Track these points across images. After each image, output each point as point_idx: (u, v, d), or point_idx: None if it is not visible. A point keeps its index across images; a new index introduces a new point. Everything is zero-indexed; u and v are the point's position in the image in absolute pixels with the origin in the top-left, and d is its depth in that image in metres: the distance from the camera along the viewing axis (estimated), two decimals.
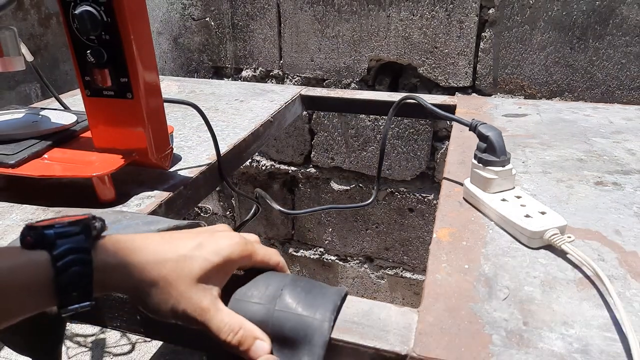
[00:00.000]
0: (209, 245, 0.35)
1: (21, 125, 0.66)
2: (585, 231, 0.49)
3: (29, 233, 0.32)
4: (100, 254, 0.32)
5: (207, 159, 0.69)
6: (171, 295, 0.33)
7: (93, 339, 1.55)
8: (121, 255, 0.33)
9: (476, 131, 0.55)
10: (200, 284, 0.34)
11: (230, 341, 0.34)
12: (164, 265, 0.33)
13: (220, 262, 0.35)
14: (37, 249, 0.31)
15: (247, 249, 0.37)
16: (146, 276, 0.33)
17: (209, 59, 1.40)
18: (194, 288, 0.34)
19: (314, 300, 0.36)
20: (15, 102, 1.28)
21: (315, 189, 1.44)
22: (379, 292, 1.52)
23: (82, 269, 0.31)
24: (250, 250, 0.38)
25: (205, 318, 0.34)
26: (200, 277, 0.34)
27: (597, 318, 0.37)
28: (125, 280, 0.33)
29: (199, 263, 0.34)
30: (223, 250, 0.36)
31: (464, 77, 1.15)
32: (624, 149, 0.69)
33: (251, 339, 0.35)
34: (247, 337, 0.34)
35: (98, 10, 0.50)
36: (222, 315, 0.35)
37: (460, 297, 0.40)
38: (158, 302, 0.34)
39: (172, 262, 0.34)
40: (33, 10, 1.29)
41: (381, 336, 0.35)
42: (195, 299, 0.34)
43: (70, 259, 0.31)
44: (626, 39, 1.00)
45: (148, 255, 0.34)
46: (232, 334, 0.34)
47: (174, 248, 0.35)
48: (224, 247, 0.36)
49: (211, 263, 0.35)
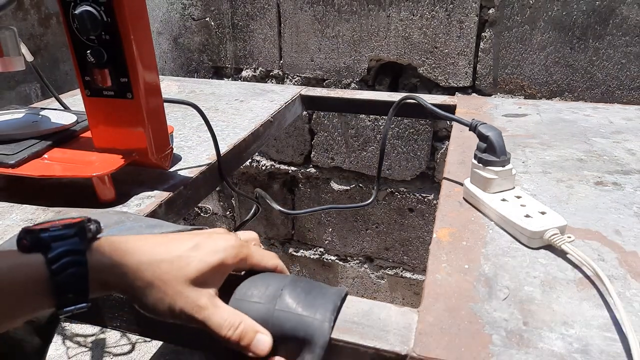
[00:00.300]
0: (205, 247, 0.36)
1: (21, 125, 0.66)
2: (585, 231, 0.49)
3: (25, 236, 0.32)
4: (96, 255, 0.33)
5: (207, 159, 0.69)
6: (167, 294, 0.34)
7: (93, 339, 1.55)
8: (116, 256, 0.33)
9: (476, 131, 0.55)
10: (196, 284, 0.34)
11: (231, 337, 0.34)
12: (158, 266, 0.34)
13: (216, 264, 0.35)
14: (33, 252, 0.32)
15: (242, 252, 0.38)
16: (141, 276, 0.33)
17: (209, 59, 1.40)
18: (190, 287, 0.34)
19: (314, 300, 0.36)
20: (15, 102, 1.28)
21: (315, 189, 1.44)
22: (379, 292, 1.52)
23: (78, 270, 0.31)
24: (245, 254, 0.38)
25: (204, 315, 0.34)
26: (196, 278, 0.34)
27: (597, 318, 0.37)
28: (121, 281, 0.33)
29: (195, 264, 0.34)
30: (218, 252, 0.36)
31: (464, 77, 1.15)
32: (624, 149, 0.69)
33: (252, 332, 0.35)
34: (248, 332, 0.35)
35: (98, 10, 0.50)
36: (221, 311, 0.35)
37: (460, 297, 0.40)
38: (154, 302, 0.34)
39: (167, 263, 0.34)
40: (33, 10, 1.29)
41: (381, 336, 0.35)
42: (192, 298, 0.34)
43: (65, 261, 0.31)
44: (626, 39, 1.00)
45: (143, 256, 0.34)
46: (233, 329, 0.34)
47: (169, 249, 0.35)
48: (219, 249, 0.36)
49: (207, 264, 0.35)
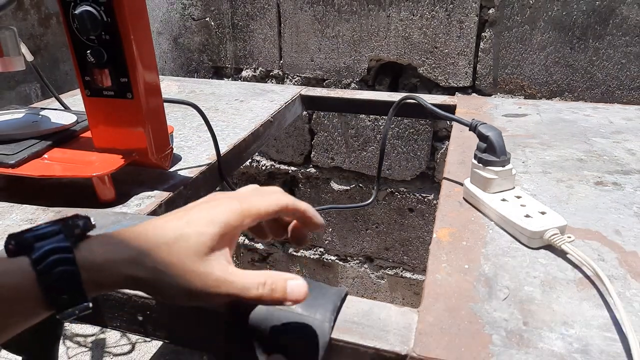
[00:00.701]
0: (199, 219, 0.33)
1: (21, 125, 0.66)
2: (585, 231, 0.49)
3: (9, 241, 0.31)
4: (85, 252, 0.31)
5: (207, 159, 0.69)
6: (179, 277, 0.31)
7: (93, 339, 1.55)
8: (110, 251, 0.31)
9: (476, 131, 0.55)
10: (204, 257, 0.32)
11: (263, 294, 0.32)
12: (158, 253, 0.32)
13: (218, 231, 0.33)
14: (19, 256, 0.30)
15: (243, 208, 0.34)
16: (143, 267, 0.31)
17: (209, 59, 1.40)
18: (198, 263, 0.32)
19: (314, 300, 0.36)
20: (15, 102, 1.28)
21: (315, 189, 1.44)
22: (379, 292, 1.52)
23: (66, 268, 0.30)
24: (247, 209, 0.34)
25: (225, 287, 0.32)
26: (201, 252, 0.32)
27: (597, 318, 0.37)
28: (118, 277, 0.31)
29: (194, 239, 0.32)
30: (217, 217, 0.33)
31: (464, 77, 1.15)
32: (624, 149, 0.69)
33: (282, 281, 0.32)
34: (278, 282, 0.32)
35: (98, 10, 0.50)
36: (241, 275, 0.32)
37: (460, 297, 0.40)
38: (168, 289, 0.32)
39: (165, 247, 0.32)
40: (33, 10, 1.29)
41: (381, 336, 0.35)
42: (205, 273, 0.32)
43: (51, 260, 0.29)
44: (626, 39, 1.00)
45: (140, 245, 0.32)
46: (261, 286, 0.32)
47: (164, 232, 0.33)
48: (217, 215, 0.33)
49: (207, 235, 0.32)
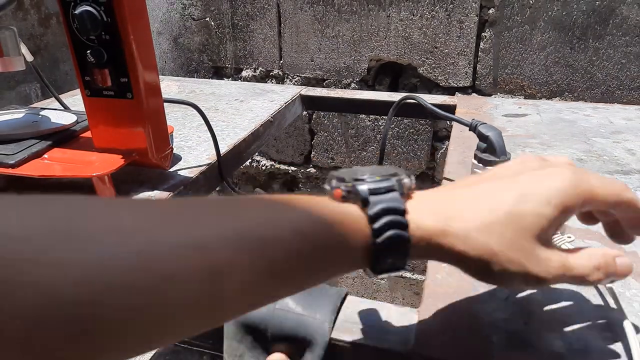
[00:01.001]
0: (534, 195, 0.29)
1: (21, 125, 0.66)
2: (585, 231, 0.49)
3: (338, 185, 0.29)
4: (414, 216, 0.28)
5: (207, 159, 0.69)
6: (512, 261, 0.28)
7: None
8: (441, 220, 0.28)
9: (476, 131, 0.55)
10: (539, 240, 0.29)
11: (600, 278, 0.30)
12: (490, 232, 0.28)
13: (555, 214, 0.29)
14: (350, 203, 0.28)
15: (583, 189, 0.29)
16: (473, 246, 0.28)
17: (209, 59, 1.40)
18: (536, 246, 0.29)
19: (314, 300, 0.36)
20: (15, 102, 1.28)
21: (315, 189, 1.44)
22: (379, 292, 1.52)
23: (398, 233, 0.27)
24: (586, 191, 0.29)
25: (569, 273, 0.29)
26: (535, 234, 0.28)
27: (597, 318, 0.37)
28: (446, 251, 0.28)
29: (530, 220, 0.28)
30: (554, 197, 0.29)
31: (464, 77, 1.15)
32: (624, 149, 0.69)
33: (612, 260, 0.30)
34: (609, 264, 0.30)
35: (98, 10, 0.50)
36: (575, 261, 0.29)
37: (460, 297, 0.40)
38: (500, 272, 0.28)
39: (498, 225, 0.28)
40: (33, 10, 1.29)
41: (381, 336, 0.35)
42: (545, 259, 0.29)
43: (386, 222, 0.27)
44: (626, 39, 1.00)
45: (468, 221, 0.28)
46: (597, 271, 0.29)
47: (492, 205, 0.29)
48: (553, 193, 0.29)
49: (544, 217, 0.28)
